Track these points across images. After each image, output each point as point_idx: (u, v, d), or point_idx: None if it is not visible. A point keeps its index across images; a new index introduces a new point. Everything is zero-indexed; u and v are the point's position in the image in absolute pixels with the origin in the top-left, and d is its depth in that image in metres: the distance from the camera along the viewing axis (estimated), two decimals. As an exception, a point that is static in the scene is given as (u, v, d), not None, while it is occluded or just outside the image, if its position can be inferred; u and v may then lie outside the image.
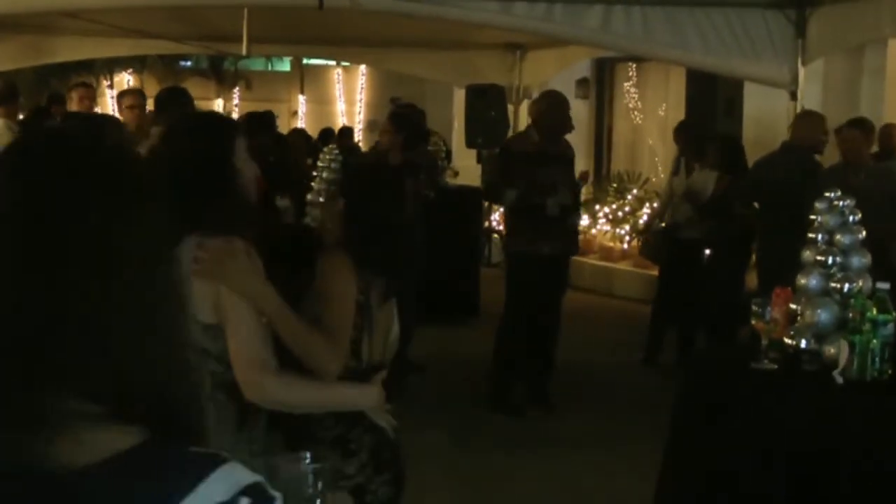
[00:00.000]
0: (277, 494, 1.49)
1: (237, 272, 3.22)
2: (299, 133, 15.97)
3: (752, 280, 10.70)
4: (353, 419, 3.60)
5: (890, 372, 4.17)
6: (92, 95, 10.66)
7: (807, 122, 8.41)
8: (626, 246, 15.27)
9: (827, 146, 8.90)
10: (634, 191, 16.00)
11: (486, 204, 13.61)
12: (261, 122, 12.87)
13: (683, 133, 11.01)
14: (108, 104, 23.97)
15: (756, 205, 9.22)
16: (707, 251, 10.24)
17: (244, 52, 11.25)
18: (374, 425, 3.67)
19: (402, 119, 10.28)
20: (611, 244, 15.64)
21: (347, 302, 3.59)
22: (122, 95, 10.28)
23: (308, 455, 2.98)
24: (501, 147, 9.83)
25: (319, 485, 2.66)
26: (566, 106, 9.29)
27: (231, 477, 1.43)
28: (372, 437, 3.66)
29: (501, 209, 10.75)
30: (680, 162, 10.74)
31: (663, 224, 10.92)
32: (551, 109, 9.13)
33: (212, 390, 3.19)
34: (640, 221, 14.90)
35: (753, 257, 9.76)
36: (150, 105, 10.11)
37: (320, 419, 3.59)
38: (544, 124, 9.02)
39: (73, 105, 10.24)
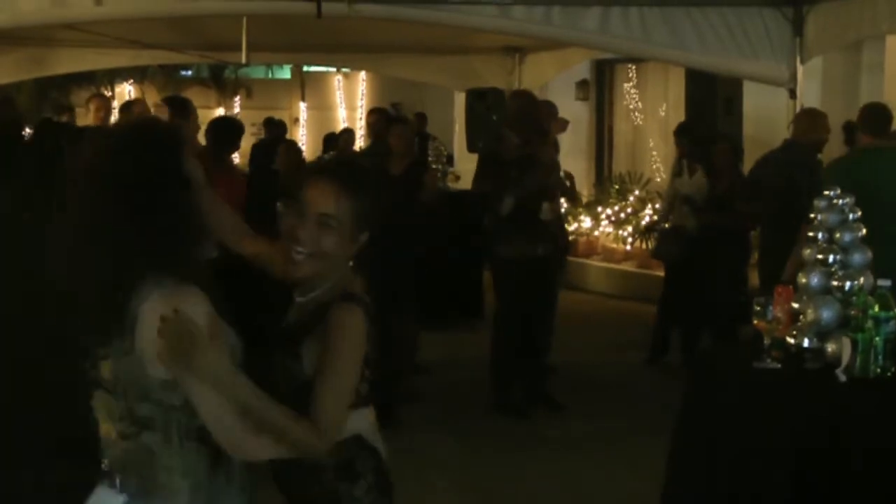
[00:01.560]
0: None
1: (201, 363, 2.88)
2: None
3: (754, 278, 10.70)
4: (357, 442, 3.38)
5: (893, 369, 4.16)
6: (108, 107, 10.71)
7: (808, 119, 8.40)
8: (628, 247, 15.27)
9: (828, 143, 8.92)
10: (636, 192, 16.00)
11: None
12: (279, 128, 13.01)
13: (684, 134, 11.01)
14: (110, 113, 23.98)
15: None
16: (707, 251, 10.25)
17: (244, 60, 11.25)
18: (372, 447, 3.47)
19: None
20: (613, 245, 15.66)
21: (352, 368, 3.22)
22: (126, 107, 10.30)
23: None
24: (486, 154, 9.79)
25: None
26: (538, 104, 9.31)
27: None
28: (373, 458, 3.47)
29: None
30: (682, 163, 10.74)
31: (667, 225, 10.93)
32: (525, 108, 9.15)
33: (181, 440, 3.02)
34: (643, 222, 14.91)
35: (756, 255, 9.76)
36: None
37: None
38: (522, 125, 9.03)
39: (91, 116, 10.27)
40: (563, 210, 10.94)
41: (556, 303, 9.44)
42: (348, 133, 15.60)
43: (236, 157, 13.42)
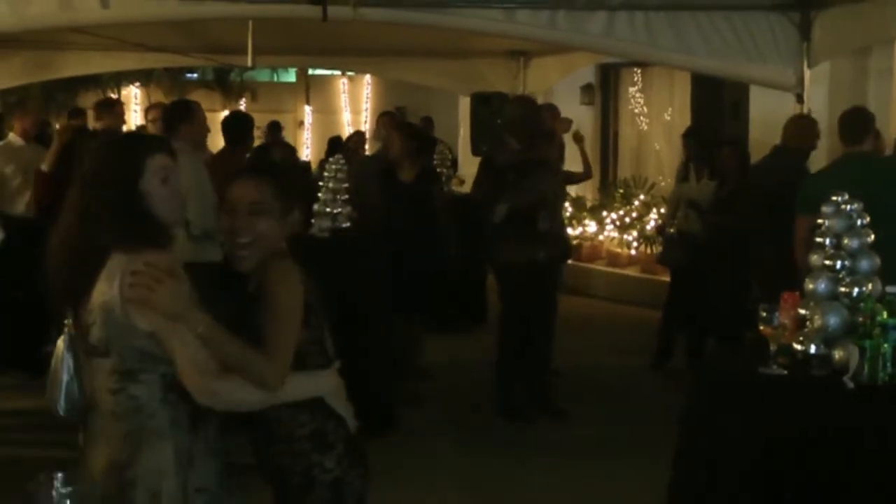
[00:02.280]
0: None
1: (163, 297, 3.29)
2: (287, 148, 15.99)
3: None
4: (327, 413, 3.64)
5: (901, 376, 4.14)
6: (120, 112, 10.75)
7: (798, 125, 8.40)
8: (633, 252, 15.26)
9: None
10: (641, 196, 15.98)
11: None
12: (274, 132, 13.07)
13: (692, 139, 10.99)
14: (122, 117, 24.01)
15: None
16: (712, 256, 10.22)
17: (249, 63, 11.26)
18: (339, 416, 3.68)
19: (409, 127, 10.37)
20: (618, 250, 15.64)
21: (292, 312, 3.54)
22: (148, 110, 10.34)
23: (59, 476, 3.11)
24: (483, 160, 9.79)
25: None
26: (539, 110, 9.31)
27: None
28: (342, 428, 3.69)
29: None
30: (688, 168, 10.71)
31: (672, 230, 10.90)
32: (527, 114, 9.15)
33: (164, 392, 3.38)
34: (648, 227, 14.90)
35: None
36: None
37: (294, 415, 3.60)
38: (521, 130, 9.03)
39: (104, 120, 10.29)
40: (566, 214, 10.94)
41: (556, 308, 9.42)
42: (358, 135, 15.57)
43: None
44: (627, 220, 15.83)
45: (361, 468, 3.77)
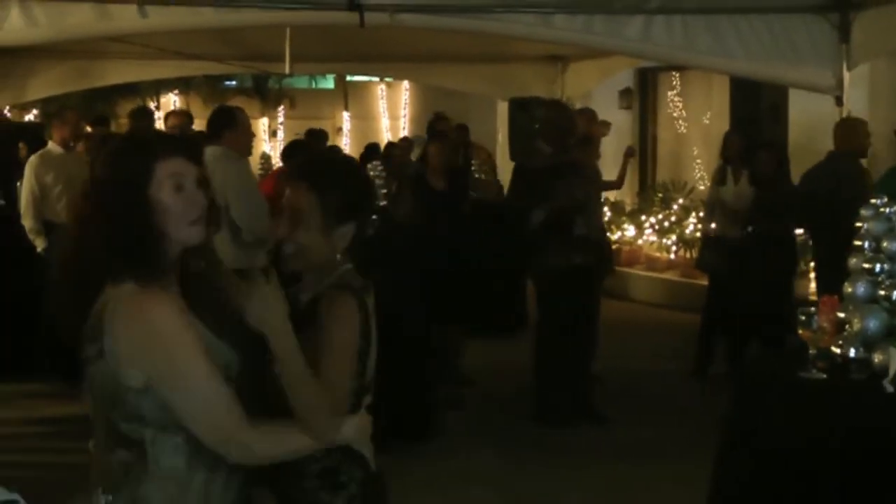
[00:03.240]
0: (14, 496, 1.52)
1: (259, 302, 3.04)
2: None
3: (802, 287, 10.64)
4: (344, 451, 3.37)
5: (941, 379, 4.12)
6: (152, 120, 10.83)
7: (848, 128, 8.36)
8: (672, 256, 15.22)
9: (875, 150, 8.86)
10: (680, 200, 15.94)
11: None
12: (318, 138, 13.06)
13: (732, 141, 10.92)
14: (154, 125, 24.14)
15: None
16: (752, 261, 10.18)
17: (287, 70, 11.29)
18: (360, 456, 3.44)
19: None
20: (657, 254, 15.60)
21: (349, 352, 3.35)
22: (167, 117, 10.40)
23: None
24: (515, 166, 9.82)
25: None
26: (570, 113, 9.33)
27: None
28: (360, 469, 3.44)
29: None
30: (725, 171, 10.64)
31: (712, 235, 10.86)
32: (559, 119, 9.18)
33: (158, 459, 2.97)
34: (686, 231, 14.86)
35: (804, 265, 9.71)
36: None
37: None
38: (553, 135, 9.06)
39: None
40: (605, 219, 10.94)
41: (598, 313, 9.41)
42: (406, 141, 15.55)
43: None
44: (666, 224, 15.78)
45: None
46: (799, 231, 10.39)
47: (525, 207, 9.00)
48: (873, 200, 4.63)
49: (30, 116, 19.27)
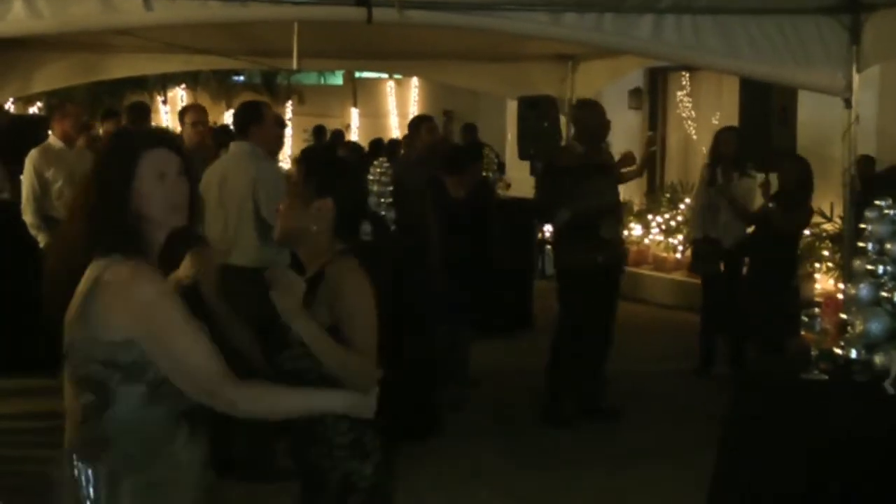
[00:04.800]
0: None
1: (286, 292, 3.47)
2: (351, 146, 16.08)
3: (807, 290, 10.67)
4: (366, 423, 3.65)
5: (942, 382, 4.13)
6: (147, 114, 10.80)
7: None
8: (679, 255, 15.25)
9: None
10: (687, 200, 15.96)
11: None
12: (334, 137, 13.12)
13: (727, 140, 10.91)
14: (161, 120, 24.20)
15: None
16: (748, 260, 10.24)
17: (295, 66, 11.30)
18: (380, 425, 3.73)
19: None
20: (664, 254, 15.65)
21: (370, 317, 3.68)
22: (184, 112, 10.42)
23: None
24: (545, 165, 9.86)
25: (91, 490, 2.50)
26: (604, 112, 9.37)
27: None
28: (379, 437, 3.75)
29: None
30: (716, 171, 10.62)
31: (701, 235, 10.89)
32: (593, 117, 9.22)
33: (143, 408, 3.23)
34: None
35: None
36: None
37: (334, 423, 3.68)
38: (589, 134, 9.11)
39: (136, 124, 10.36)
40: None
41: (616, 314, 9.46)
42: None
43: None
44: (673, 223, 15.82)
45: (392, 476, 3.88)
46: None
47: (552, 205, 9.06)
48: (878, 202, 4.64)
49: (34, 109, 19.32)
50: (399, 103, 25.36)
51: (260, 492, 6.72)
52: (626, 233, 15.91)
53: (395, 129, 24.24)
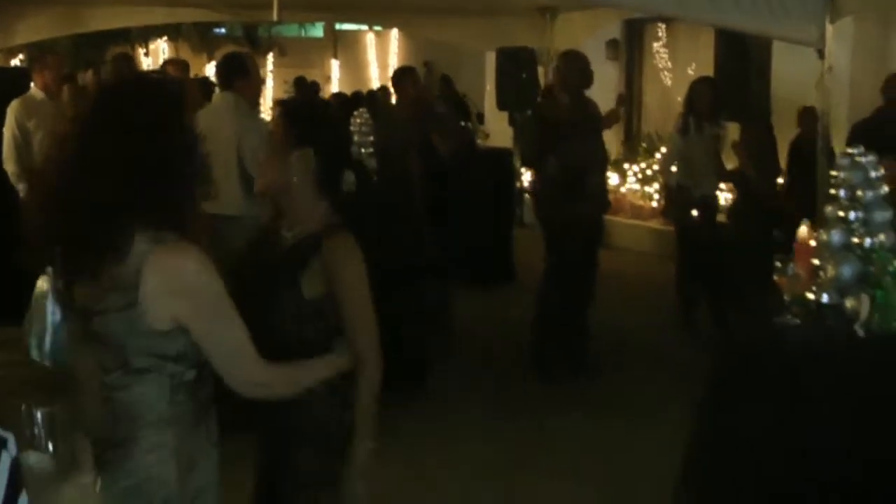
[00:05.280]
0: (9, 434, 1.54)
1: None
2: (338, 97, 16.03)
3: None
4: (344, 375, 3.68)
5: (911, 324, 4.18)
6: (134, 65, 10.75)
7: None
8: (655, 204, 15.30)
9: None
10: (663, 150, 15.98)
11: (518, 164, 13.62)
12: (310, 88, 13.07)
13: (701, 92, 10.91)
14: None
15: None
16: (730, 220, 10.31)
17: (275, 17, 11.24)
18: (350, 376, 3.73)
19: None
20: (641, 203, 15.69)
21: (367, 291, 3.73)
22: (165, 65, 10.34)
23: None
24: (534, 114, 9.87)
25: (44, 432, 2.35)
26: (589, 63, 9.38)
27: None
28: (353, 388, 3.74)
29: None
30: (689, 121, 10.64)
31: (675, 184, 10.94)
32: (579, 68, 9.23)
33: (171, 393, 3.11)
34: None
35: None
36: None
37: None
38: (574, 85, 9.11)
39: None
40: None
41: (597, 266, 9.48)
42: (384, 91, 15.55)
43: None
44: (649, 172, 15.87)
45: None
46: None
47: (541, 155, 9.10)
48: (849, 150, 4.67)
49: (15, 62, 19.18)
50: (379, 55, 25.24)
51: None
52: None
53: (376, 81, 24.14)
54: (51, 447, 2.12)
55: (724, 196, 11.48)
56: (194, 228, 3.12)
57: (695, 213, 10.42)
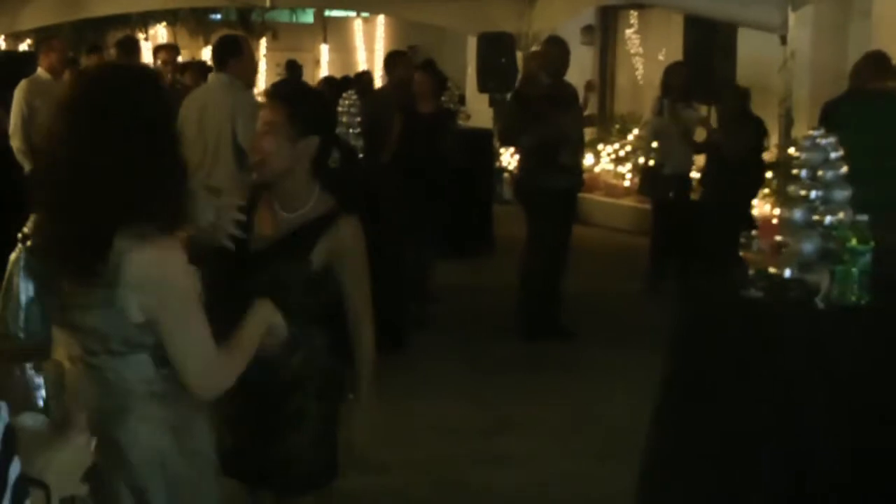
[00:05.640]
0: (2, 403, 1.52)
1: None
2: (329, 82, 15.95)
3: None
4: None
5: (867, 297, 4.18)
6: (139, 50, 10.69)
7: None
8: (628, 183, 15.30)
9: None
10: (636, 131, 15.98)
11: (498, 144, 13.62)
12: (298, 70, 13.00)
13: (677, 74, 10.98)
14: (143, 55, 23.93)
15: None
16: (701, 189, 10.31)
17: (268, 3, 11.20)
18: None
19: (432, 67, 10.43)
20: (614, 181, 15.69)
21: (365, 262, 3.87)
22: (157, 50, 10.28)
23: (28, 365, 2.78)
24: (514, 92, 9.92)
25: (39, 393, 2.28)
26: (569, 49, 9.44)
27: None
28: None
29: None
30: (663, 103, 10.71)
31: (652, 163, 10.99)
32: (562, 54, 9.30)
33: (157, 368, 2.99)
34: (641, 160, 14.96)
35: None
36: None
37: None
38: (555, 68, 9.17)
39: (124, 59, 10.25)
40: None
41: (571, 234, 9.53)
42: (367, 74, 15.51)
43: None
44: (622, 153, 15.86)
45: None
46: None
47: (517, 131, 9.14)
48: (810, 132, 4.67)
49: (23, 46, 19.09)
50: (366, 39, 25.19)
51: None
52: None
53: (363, 64, 24.09)
54: (45, 407, 2.07)
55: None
56: (178, 224, 2.96)
57: (669, 191, 10.46)
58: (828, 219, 4.38)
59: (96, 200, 2.80)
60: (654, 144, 11.06)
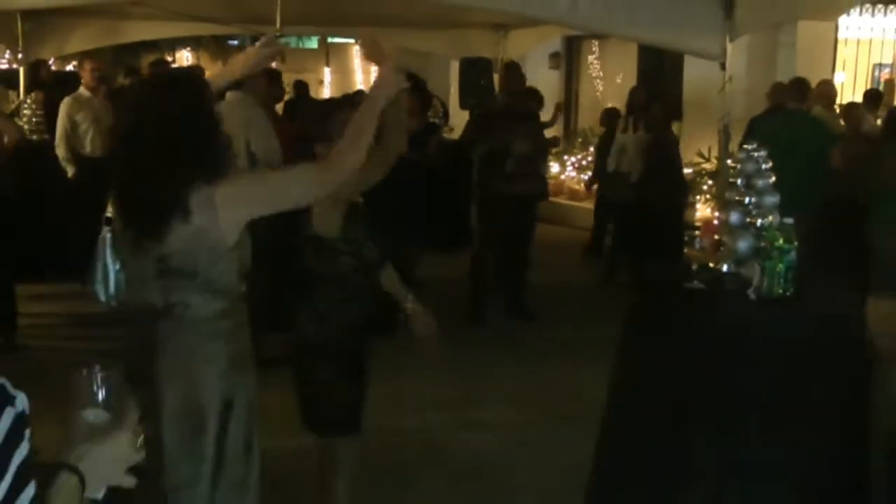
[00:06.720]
0: (19, 393, 1.47)
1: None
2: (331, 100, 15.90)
3: (689, 216, 10.78)
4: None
5: (791, 289, 4.19)
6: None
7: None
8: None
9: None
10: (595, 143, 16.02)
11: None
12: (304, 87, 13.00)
13: (637, 95, 11.07)
14: (171, 75, 23.89)
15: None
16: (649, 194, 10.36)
17: (278, 31, 11.14)
18: None
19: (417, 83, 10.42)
20: (577, 187, 15.71)
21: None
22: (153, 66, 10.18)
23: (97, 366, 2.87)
24: (473, 111, 10.08)
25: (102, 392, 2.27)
26: (521, 71, 9.75)
27: None
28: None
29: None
30: (628, 121, 10.81)
31: (611, 169, 11.11)
32: (514, 77, 9.63)
33: (226, 304, 3.20)
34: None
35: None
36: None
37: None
38: (510, 89, 9.28)
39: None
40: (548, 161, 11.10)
41: (532, 235, 9.52)
42: (360, 94, 15.46)
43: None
44: (584, 162, 15.87)
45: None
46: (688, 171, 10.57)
47: (473, 143, 9.29)
48: (746, 146, 4.67)
49: (70, 67, 19.01)
50: (363, 63, 25.11)
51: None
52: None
53: (361, 84, 24.04)
54: (106, 406, 2.04)
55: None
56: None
57: (628, 194, 10.50)
58: (759, 221, 4.37)
59: (187, 164, 3.07)
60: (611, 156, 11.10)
